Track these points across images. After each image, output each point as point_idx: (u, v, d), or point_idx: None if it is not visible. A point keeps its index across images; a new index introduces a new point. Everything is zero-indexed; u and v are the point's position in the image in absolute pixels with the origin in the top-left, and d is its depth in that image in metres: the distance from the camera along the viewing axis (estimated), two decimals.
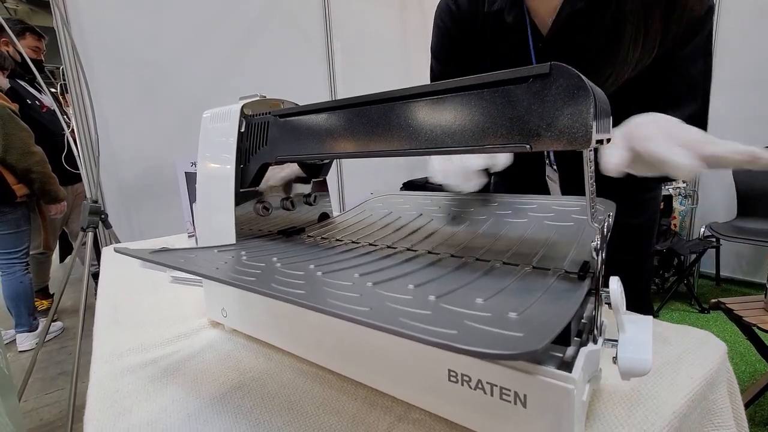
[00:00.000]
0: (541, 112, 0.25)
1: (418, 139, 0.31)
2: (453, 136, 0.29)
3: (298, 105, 0.51)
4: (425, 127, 0.30)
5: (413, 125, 0.31)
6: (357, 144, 0.34)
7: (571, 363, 0.26)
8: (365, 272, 0.31)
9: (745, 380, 1.60)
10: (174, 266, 0.29)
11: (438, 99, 0.30)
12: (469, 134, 0.28)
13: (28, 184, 2.05)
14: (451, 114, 0.29)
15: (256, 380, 0.39)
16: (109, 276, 0.79)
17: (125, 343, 0.47)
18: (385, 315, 0.20)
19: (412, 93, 0.31)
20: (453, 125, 0.29)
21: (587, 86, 0.23)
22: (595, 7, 0.52)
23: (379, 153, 0.34)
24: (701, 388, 0.35)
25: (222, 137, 0.45)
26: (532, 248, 0.37)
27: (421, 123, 0.30)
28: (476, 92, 0.28)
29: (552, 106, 0.24)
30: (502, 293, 0.26)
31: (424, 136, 0.30)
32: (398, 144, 0.32)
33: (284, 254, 0.38)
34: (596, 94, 0.24)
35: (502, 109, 0.26)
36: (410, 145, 0.31)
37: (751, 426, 1.36)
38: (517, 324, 0.20)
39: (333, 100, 0.36)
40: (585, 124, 0.23)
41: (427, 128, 0.30)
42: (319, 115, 0.37)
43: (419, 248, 0.40)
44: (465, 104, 0.28)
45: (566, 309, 0.23)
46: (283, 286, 0.25)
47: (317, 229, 0.52)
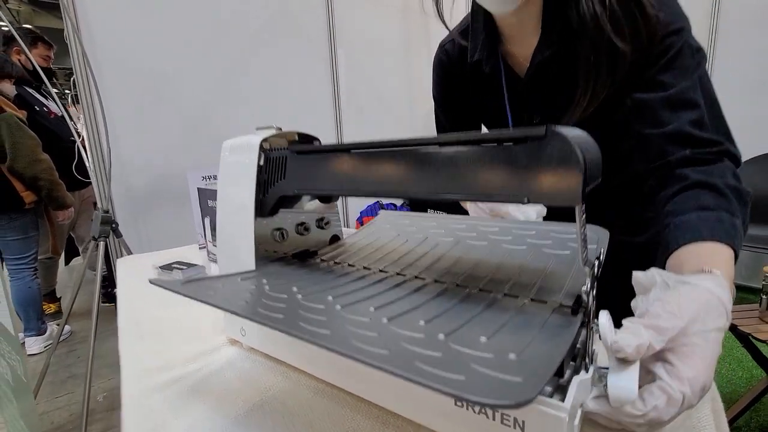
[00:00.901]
0: (537, 170, 0.28)
1: (425, 184, 0.34)
2: (456, 184, 0.32)
3: (311, 136, 0.55)
4: (432, 175, 0.33)
5: (421, 172, 0.34)
6: (367, 184, 0.38)
7: (566, 388, 0.30)
8: (380, 305, 0.35)
9: (741, 386, 1.63)
10: (208, 302, 0.33)
11: (444, 150, 0.33)
12: (471, 184, 0.31)
13: (36, 191, 2.09)
14: (455, 164, 0.32)
15: (276, 399, 0.42)
16: (126, 288, 0.83)
17: (151, 361, 0.51)
18: (402, 359, 0.23)
19: (421, 142, 0.34)
20: (456, 175, 0.32)
21: (577, 151, 0.27)
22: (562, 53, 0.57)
23: (387, 194, 0.37)
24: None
25: (242, 169, 0.49)
26: (531, 278, 0.40)
27: (428, 170, 0.34)
28: (480, 147, 0.31)
29: (547, 166, 0.28)
30: (503, 330, 0.29)
31: (430, 182, 0.34)
32: (406, 188, 0.35)
33: (302, 282, 0.42)
34: (587, 156, 0.27)
35: (503, 164, 0.30)
36: (417, 190, 0.34)
37: (748, 431, 1.39)
38: (517, 366, 0.23)
39: (347, 144, 0.39)
40: (575, 184, 0.26)
41: (433, 175, 0.33)
42: (334, 154, 0.41)
43: (427, 276, 0.43)
44: (468, 157, 0.31)
45: (559, 349, 0.26)
46: (308, 324, 0.28)
47: (329, 252, 0.56)
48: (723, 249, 0.41)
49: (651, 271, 0.37)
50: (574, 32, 0.55)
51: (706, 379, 0.30)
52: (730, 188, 0.47)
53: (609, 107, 0.56)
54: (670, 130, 0.52)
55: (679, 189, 0.50)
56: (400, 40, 2.48)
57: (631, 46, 0.52)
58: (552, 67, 0.60)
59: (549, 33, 0.59)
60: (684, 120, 0.52)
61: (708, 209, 0.45)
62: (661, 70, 0.53)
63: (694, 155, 0.51)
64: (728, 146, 0.51)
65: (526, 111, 0.67)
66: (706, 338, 0.31)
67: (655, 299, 0.33)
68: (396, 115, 2.54)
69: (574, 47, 0.56)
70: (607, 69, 0.54)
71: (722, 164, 0.50)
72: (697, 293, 0.33)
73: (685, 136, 0.51)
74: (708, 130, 0.51)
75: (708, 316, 0.31)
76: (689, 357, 0.30)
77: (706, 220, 0.44)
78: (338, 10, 2.19)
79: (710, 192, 0.47)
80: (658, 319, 0.30)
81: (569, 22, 0.55)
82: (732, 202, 0.46)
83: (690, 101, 0.52)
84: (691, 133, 0.51)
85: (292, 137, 0.52)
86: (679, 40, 0.53)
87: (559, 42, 0.57)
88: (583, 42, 0.55)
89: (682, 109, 0.52)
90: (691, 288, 0.33)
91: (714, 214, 0.45)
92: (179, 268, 0.83)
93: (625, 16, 0.52)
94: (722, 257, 0.41)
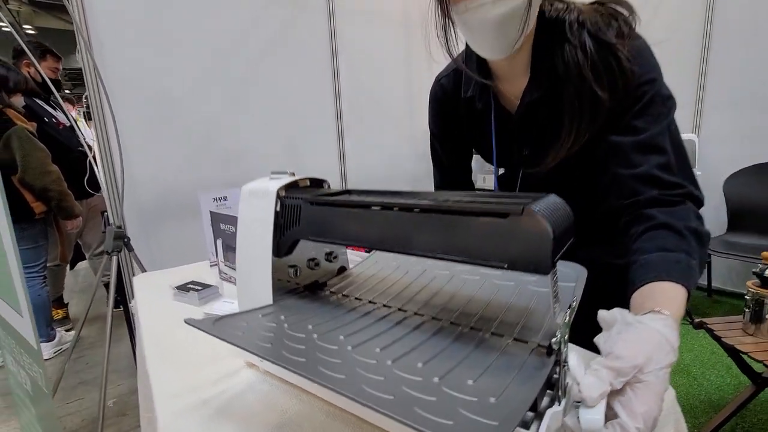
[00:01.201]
0: (514, 243, 0.34)
1: (420, 244, 0.40)
2: (447, 247, 0.38)
3: (320, 180, 0.61)
4: (426, 236, 0.39)
5: (417, 233, 0.40)
6: (369, 238, 0.44)
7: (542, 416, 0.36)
8: (384, 345, 0.40)
9: (729, 393, 1.69)
10: (240, 345, 0.39)
11: (437, 216, 0.39)
12: (461, 249, 0.37)
13: (45, 201, 2.15)
14: (446, 229, 0.38)
15: (293, 421, 0.48)
16: (146, 308, 0.89)
17: (179, 384, 0.57)
18: (404, 405, 0.29)
19: (417, 206, 0.40)
20: (447, 239, 0.38)
21: (548, 228, 0.32)
22: (549, 95, 0.64)
23: (386, 249, 0.43)
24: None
25: (260, 213, 0.55)
26: (516, 317, 0.46)
27: (423, 232, 0.40)
28: (470, 218, 0.37)
29: (522, 240, 0.34)
30: (487, 372, 0.35)
31: (422, 240, 0.40)
32: (403, 246, 0.41)
33: (316, 319, 0.48)
34: (556, 231, 0.33)
35: (488, 235, 0.36)
36: (413, 248, 0.40)
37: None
38: (495, 410, 0.29)
39: (353, 200, 0.45)
40: (545, 257, 0.32)
41: (427, 237, 0.39)
42: (342, 209, 0.47)
43: (425, 313, 0.49)
44: (459, 224, 0.37)
45: (532, 391, 0.32)
46: (326, 367, 0.34)
47: (338, 283, 0.62)
48: (677, 289, 0.47)
49: (613, 311, 0.42)
50: (559, 78, 0.62)
51: (656, 411, 0.35)
52: (689, 230, 0.53)
53: (591, 145, 0.63)
54: (640, 172, 0.58)
55: (645, 228, 0.56)
56: (400, 52, 2.54)
57: (610, 94, 0.59)
58: (540, 107, 0.66)
59: (537, 76, 0.65)
60: (653, 163, 0.58)
61: (669, 250, 0.51)
62: (635, 116, 0.59)
63: (661, 196, 0.57)
64: (691, 189, 0.58)
65: (516, 143, 0.73)
66: (657, 375, 0.36)
67: (617, 338, 0.39)
68: (396, 124, 2.60)
69: (560, 91, 0.62)
70: (589, 114, 0.61)
71: (685, 206, 0.56)
72: (649, 334, 0.39)
73: (653, 178, 0.57)
74: (674, 174, 0.58)
75: (659, 355, 0.37)
76: (643, 393, 0.36)
77: (666, 261, 0.50)
78: (339, 25, 2.25)
79: (672, 233, 0.53)
80: (618, 362, 0.36)
81: (556, 68, 0.62)
82: (690, 244, 0.52)
83: (659, 146, 0.58)
84: (659, 176, 0.57)
85: (304, 183, 0.58)
86: (652, 90, 0.59)
87: (547, 85, 0.64)
88: (567, 88, 0.61)
89: (651, 153, 0.58)
90: (645, 328, 0.39)
91: (673, 256, 0.51)
92: (195, 288, 0.89)
93: (604, 67, 0.59)
94: (676, 296, 0.47)
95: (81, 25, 1.62)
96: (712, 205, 2.59)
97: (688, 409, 1.61)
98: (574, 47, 0.60)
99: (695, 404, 1.64)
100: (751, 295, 1.27)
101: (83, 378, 2.14)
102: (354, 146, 2.40)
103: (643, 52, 0.60)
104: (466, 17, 0.59)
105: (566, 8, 0.63)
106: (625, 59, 0.58)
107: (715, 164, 2.50)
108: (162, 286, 0.98)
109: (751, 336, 1.28)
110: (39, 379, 1.12)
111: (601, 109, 0.60)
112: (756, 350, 1.20)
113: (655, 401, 0.35)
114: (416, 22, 2.57)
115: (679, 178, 0.58)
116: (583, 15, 0.61)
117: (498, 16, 0.56)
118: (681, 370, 1.85)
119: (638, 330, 0.39)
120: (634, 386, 0.36)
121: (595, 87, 0.59)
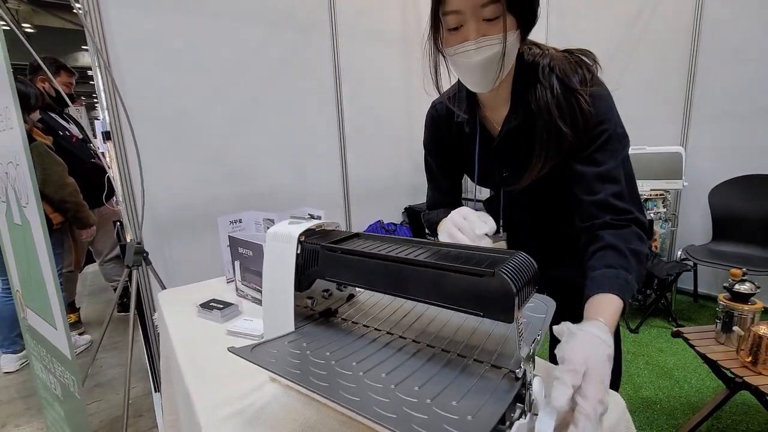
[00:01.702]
0: (488, 295, 0.45)
1: (412, 290, 0.51)
2: (433, 295, 0.49)
3: (333, 223, 0.72)
4: (415, 285, 0.50)
5: (409, 282, 0.51)
6: (374, 283, 0.55)
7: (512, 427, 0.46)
8: (389, 371, 0.51)
9: (708, 395, 1.80)
10: (275, 371, 0.49)
11: (428, 270, 0.50)
12: (445, 297, 0.48)
13: (63, 212, 2.26)
14: (432, 282, 0.49)
15: (312, 428, 0.59)
16: (173, 324, 0.99)
17: (214, 397, 0.67)
18: (404, 423, 0.40)
19: (413, 261, 0.51)
20: (432, 288, 0.49)
21: (513, 289, 0.43)
22: (525, 125, 0.76)
23: (387, 292, 0.54)
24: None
25: (284, 254, 0.65)
26: (495, 344, 0.57)
27: (412, 282, 0.51)
28: (453, 275, 0.47)
29: (494, 294, 0.44)
30: (469, 394, 0.46)
31: (415, 288, 0.51)
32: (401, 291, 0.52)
33: (332, 345, 0.59)
34: (521, 291, 0.44)
35: (468, 289, 0.46)
36: (409, 294, 0.51)
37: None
38: (471, 425, 0.40)
39: (362, 251, 0.56)
40: (510, 310, 0.43)
41: (416, 285, 0.50)
42: (350, 257, 0.58)
43: (422, 340, 0.60)
44: (444, 279, 0.48)
45: (499, 410, 0.43)
46: (345, 391, 0.45)
47: (348, 310, 0.73)
48: (614, 299, 0.60)
49: (561, 324, 0.54)
50: (533, 111, 0.75)
51: (603, 394, 0.46)
52: (631, 251, 0.66)
53: (559, 171, 0.76)
54: (597, 199, 0.71)
55: (597, 248, 0.69)
56: (399, 70, 2.64)
57: (572, 129, 0.72)
58: (517, 134, 0.79)
59: (516, 108, 0.78)
60: (609, 192, 0.71)
61: (612, 267, 0.65)
62: (596, 150, 0.72)
63: (613, 221, 0.70)
64: (637, 215, 0.71)
65: (497, 164, 0.86)
66: (598, 366, 0.47)
67: (566, 347, 0.50)
68: (395, 139, 2.71)
69: (533, 123, 0.75)
70: (555, 144, 0.74)
71: (630, 230, 0.69)
72: (587, 337, 0.51)
73: (608, 205, 0.71)
74: (625, 201, 0.71)
75: (597, 351, 0.49)
76: (591, 381, 0.46)
77: (608, 276, 0.64)
78: (342, 46, 2.36)
79: (616, 253, 0.66)
80: (571, 364, 0.47)
81: (530, 102, 0.74)
82: (630, 262, 0.65)
83: (614, 177, 0.71)
84: (612, 203, 0.70)
85: (320, 227, 0.69)
86: (610, 128, 0.72)
87: (524, 116, 0.76)
88: (538, 121, 0.74)
89: (608, 183, 0.72)
90: (583, 334, 0.51)
91: (614, 272, 0.64)
92: (217, 307, 1.00)
93: (568, 107, 0.72)
94: (611, 305, 0.60)
95: (101, 47, 1.72)
96: (698, 215, 2.70)
97: (669, 410, 1.73)
98: (545, 88, 0.73)
99: (675, 406, 1.75)
100: (722, 307, 1.38)
101: (98, 381, 2.25)
102: (356, 160, 2.51)
103: (602, 98, 0.73)
104: (455, 59, 0.71)
105: (541, 53, 0.76)
106: (585, 102, 0.71)
107: (701, 176, 2.61)
108: (185, 302, 1.09)
109: (722, 345, 1.39)
110: (71, 386, 1.23)
111: (564, 141, 0.72)
112: (725, 358, 1.31)
113: (600, 386, 0.46)
114: (415, 42, 2.67)
115: (629, 204, 0.71)
116: (554, 61, 0.74)
117: (480, 61, 0.68)
118: (664, 373, 1.96)
119: (579, 336, 0.51)
120: (585, 377, 0.47)
121: (559, 122, 0.72)
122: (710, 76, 2.56)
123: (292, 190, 2.35)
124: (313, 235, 0.67)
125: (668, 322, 2.50)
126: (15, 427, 1.89)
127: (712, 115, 2.58)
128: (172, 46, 1.88)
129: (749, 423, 1.61)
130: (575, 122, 0.71)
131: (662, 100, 2.73)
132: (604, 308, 0.59)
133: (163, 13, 1.86)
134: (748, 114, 2.45)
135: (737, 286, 1.35)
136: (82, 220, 2.34)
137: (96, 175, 2.67)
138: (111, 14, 1.73)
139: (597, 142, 0.72)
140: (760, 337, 1.21)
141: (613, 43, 2.92)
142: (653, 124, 2.77)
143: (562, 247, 0.87)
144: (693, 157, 2.66)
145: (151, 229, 1.80)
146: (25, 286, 1.37)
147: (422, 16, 2.78)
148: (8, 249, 1.42)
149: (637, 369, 2.01)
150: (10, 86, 1.09)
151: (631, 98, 2.89)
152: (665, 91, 2.71)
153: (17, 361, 2.39)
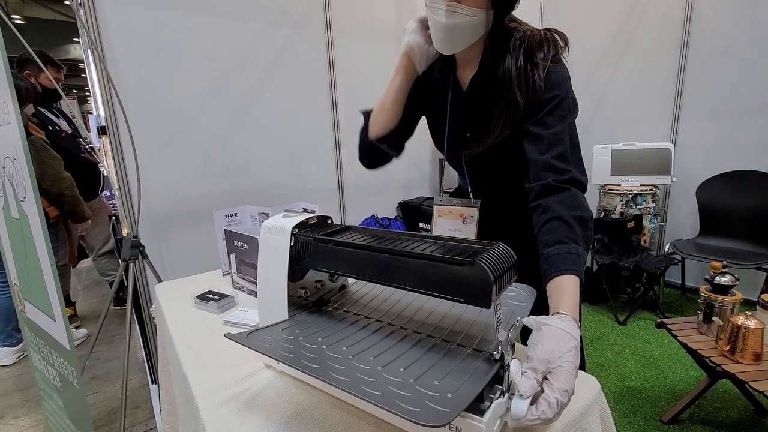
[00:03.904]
0: (468, 283, 0.48)
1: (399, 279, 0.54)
2: (418, 282, 0.52)
3: (326, 216, 0.74)
4: (403, 273, 0.53)
5: (397, 270, 0.54)
6: (363, 273, 0.58)
7: (486, 410, 0.50)
8: (377, 354, 0.55)
9: (692, 384, 1.86)
10: (270, 355, 0.53)
11: (413, 260, 0.53)
12: (429, 283, 0.51)
13: (59, 206, 2.27)
14: (418, 269, 0.52)
15: (306, 411, 0.62)
16: (171, 315, 1.02)
17: (212, 382, 0.71)
18: (389, 398, 0.43)
19: (400, 252, 0.54)
20: (418, 275, 0.52)
21: (491, 277, 0.46)
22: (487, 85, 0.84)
23: (375, 281, 0.57)
24: (576, 415, 0.59)
25: (278, 246, 0.68)
26: (477, 331, 0.60)
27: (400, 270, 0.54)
28: (437, 263, 0.51)
29: (474, 281, 0.48)
30: (450, 374, 0.49)
31: (402, 277, 0.54)
32: (388, 280, 0.55)
33: (325, 332, 0.62)
34: (498, 279, 0.47)
35: (451, 276, 0.50)
36: (396, 282, 0.54)
37: (690, 423, 1.62)
38: (450, 402, 0.43)
39: (352, 243, 0.59)
40: (488, 296, 0.47)
41: (404, 274, 0.53)
42: (341, 248, 0.61)
43: (409, 327, 0.63)
44: (429, 267, 0.51)
45: (477, 388, 0.46)
46: (335, 372, 0.49)
47: (339, 300, 0.76)
48: (572, 279, 0.63)
49: (530, 318, 0.57)
50: (498, 78, 0.81)
51: (570, 386, 0.49)
52: (574, 219, 0.70)
53: (515, 137, 0.81)
54: (543, 159, 0.76)
55: (545, 220, 0.72)
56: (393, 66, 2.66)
57: (524, 99, 0.78)
58: (483, 93, 0.86)
59: (484, 70, 0.85)
60: (555, 152, 0.76)
61: (563, 243, 0.68)
62: (547, 113, 0.78)
63: (554, 182, 0.74)
64: (576, 174, 0.75)
65: (461, 124, 0.93)
66: (564, 359, 0.51)
67: (531, 345, 0.54)
68: None
69: (497, 89, 0.81)
70: (511, 112, 0.80)
71: (571, 193, 0.73)
72: (552, 332, 0.53)
73: (551, 166, 0.75)
74: (567, 162, 0.75)
75: (561, 345, 0.52)
76: (558, 374, 0.50)
77: (562, 254, 0.67)
78: (337, 42, 2.37)
79: (563, 225, 0.70)
80: (533, 363, 0.51)
81: (497, 69, 0.80)
82: (576, 231, 0.69)
83: (560, 140, 0.77)
84: (555, 164, 0.75)
85: (313, 220, 0.72)
86: (561, 94, 0.78)
87: (490, 78, 0.83)
88: (500, 88, 0.81)
89: (554, 144, 0.77)
90: (549, 329, 0.54)
91: (566, 247, 0.67)
92: (214, 298, 1.03)
93: (525, 79, 0.78)
94: (570, 288, 0.62)
95: (95, 41, 1.73)
96: (686, 210, 2.76)
97: (654, 398, 1.78)
98: (512, 59, 0.79)
99: (660, 395, 1.81)
100: (703, 299, 1.42)
101: (95, 373, 2.28)
102: (350, 155, 2.53)
103: (557, 71, 0.78)
104: (429, 11, 0.79)
105: (516, 28, 0.83)
106: (539, 76, 0.77)
107: (690, 171, 2.66)
108: (182, 295, 1.11)
109: (703, 335, 1.44)
110: (70, 376, 1.26)
111: (518, 110, 0.79)
112: (705, 348, 1.36)
113: (567, 378, 0.50)
114: None
115: (570, 165, 0.75)
116: (527, 37, 0.80)
117: (446, 24, 0.76)
118: (650, 363, 2.02)
119: (545, 332, 0.54)
120: (551, 371, 0.51)
121: (516, 92, 0.78)
122: (700, 73, 2.60)
123: (287, 185, 2.37)
124: (306, 228, 0.70)
125: (656, 314, 2.56)
126: (13, 418, 1.91)
127: (701, 112, 2.63)
128: (167, 40, 1.89)
129: (729, 410, 1.66)
130: (529, 93, 0.77)
131: (652, 98, 2.77)
132: (565, 292, 0.62)
133: (158, 8, 1.86)
134: (736, 111, 2.49)
135: (717, 278, 1.40)
136: (79, 214, 2.35)
137: (87, 170, 2.68)
138: (105, 8, 1.74)
139: (548, 106, 0.78)
140: (738, 327, 1.26)
141: (606, 40, 2.96)
142: (643, 120, 2.81)
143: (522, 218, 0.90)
144: (682, 153, 2.71)
145: (148, 224, 1.82)
146: (23, 280, 1.39)
147: (416, 11, 2.79)
148: (5, 243, 1.44)
149: (624, 359, 2.06)
150: (7, 80, 1.10)
151: (621, 95, 2.94)
152: (655, 88, 2.75)
153: (14, 354, 2.41)
